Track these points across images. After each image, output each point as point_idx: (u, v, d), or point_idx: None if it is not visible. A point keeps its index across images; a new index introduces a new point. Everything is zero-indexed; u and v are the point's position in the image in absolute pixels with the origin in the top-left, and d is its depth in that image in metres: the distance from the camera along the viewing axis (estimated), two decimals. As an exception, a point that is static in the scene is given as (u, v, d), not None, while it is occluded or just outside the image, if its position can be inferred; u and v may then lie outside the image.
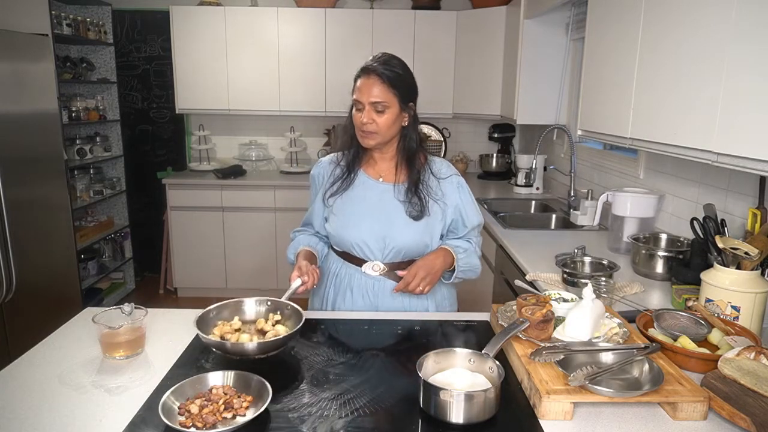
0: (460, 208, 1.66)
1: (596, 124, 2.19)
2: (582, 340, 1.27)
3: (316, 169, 1.73)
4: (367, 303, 1.64)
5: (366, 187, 1.64)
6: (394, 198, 1.62)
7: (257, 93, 4.24)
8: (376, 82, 1.52)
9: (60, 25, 3.63)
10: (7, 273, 2.63)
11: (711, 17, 1.44)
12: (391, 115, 1.54)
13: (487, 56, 3.99)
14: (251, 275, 4.25)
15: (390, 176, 1.65)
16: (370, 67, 1.53)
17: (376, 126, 1.54)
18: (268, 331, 1.32)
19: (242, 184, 4.16)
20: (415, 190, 1.60)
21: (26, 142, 2.84)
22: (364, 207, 1.62)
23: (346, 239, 1.61)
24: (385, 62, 1.54)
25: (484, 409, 1.04)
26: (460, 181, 1.68)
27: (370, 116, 1.53)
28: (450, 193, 1.65)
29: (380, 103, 1.52)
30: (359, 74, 1.56)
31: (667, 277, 1.91)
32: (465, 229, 1.68)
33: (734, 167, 1.36)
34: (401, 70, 1.56)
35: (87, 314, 1.51)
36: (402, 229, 1.59)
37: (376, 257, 1.61)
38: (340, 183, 1.64)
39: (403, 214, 1.60)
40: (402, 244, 1.59)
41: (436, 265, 1.56)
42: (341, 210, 1.63)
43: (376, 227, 1.59)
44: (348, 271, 1.66)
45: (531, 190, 3.76)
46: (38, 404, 1.11)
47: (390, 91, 1.52)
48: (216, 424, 1.01)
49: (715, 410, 1.09)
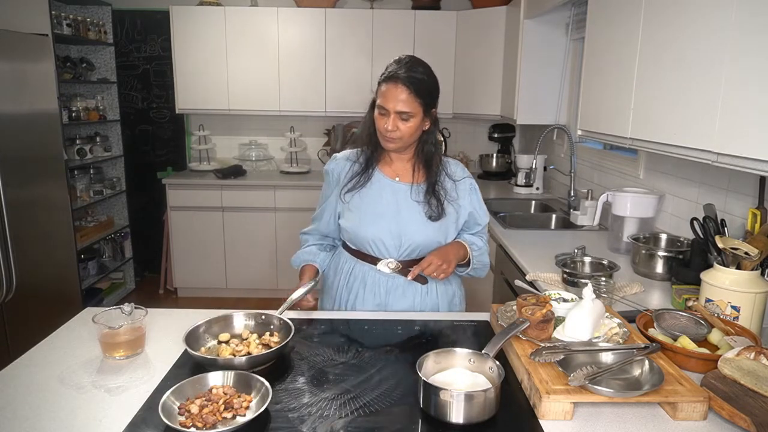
0: (472, 210, 1.70)
1: (596, 124, 2.19)
2: (582, 340, 1.27)
3: (332, 164, 1.73)
4: (378, 301, 1.66)
5: (382, 186, 1.65)
6: (410, 197, 1.64)
7: (257, 93, 4.24)
8: (403, 91, 1.52)
9: (60, 25, 3.63)
10: (7, 273, 2.63)
11: (711, 17, 1.44)
12: (415, 123, 1.56)
13: (487, 56, 3.99)
14: (251, 275, 4.24)
15: (406, 176, 1.67)
16: (398, 74, 1.52)
17: (399, 133, 1.56)
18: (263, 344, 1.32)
19: (242, 184, 4.16)
20: (432, 191, 1.63)
21: (26, 142, 2.84)
22: (380, 205, 1.63)
23: (362, 236, 1.63)
24: (411, 68, 1.54)
25: (484, 409, 1.04)
26: (473, 184, 1.72)
27: (395, 124, 1.54)
28: (464, 196, 1.69)
29: (406, 113, 1.54)
30: (386, 80, 1.55)
31: (667, 277, 1.91)
32: (477, 227, 1.73)
33: (734, 167, 1.36)
34: (427, 76, 1.57)
35: (87, 314, 1.52)
36: (419, 228, 1.61)
37: (391, 255, 1.63)
38: (357, 180, 1.65)
39: (420, 213, 1.62)
40: (418, 242, 1.62)
41: (450, 255, 1.59)
42: (357, 207, 1.65)
43: (393, 225, 1.61)
44: (362, 269, 1.67)
45: (531, 190, 3.76)
46: (38, 404, 1.11)
47: (416, 101, 1.53)
48: (216, 424, 1.01)
49: (715, 410, 1.09)
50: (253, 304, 3.65)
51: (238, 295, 4.27)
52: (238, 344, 1.31)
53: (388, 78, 1.54)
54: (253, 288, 4.23)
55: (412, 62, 1.56)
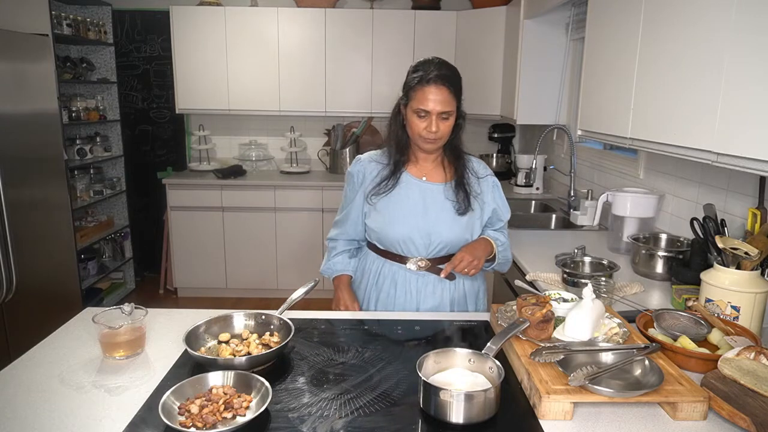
0: (495, 206, 1.73)
1: (596, 124, 2.19)
2: (582, 340, 1.27)
3: (356, 166, 1.74)
4: (410, 299, 1.69)
5: (410, 186, 1.67)
6: (438, 196, 1.66)
7: (257, 93, 4.24)
8: (444, 91, 1.54)
9: (60, 25, 3.63)
10: (8, 273, 2.63)
11: (711, 17, 1.43)
12: (452, 121, 1.61)
13: (487, 56, 3.99)
14: (251, 275, 4.24)
15: (433, 175, 1.70)
16: (437, 76, 1.54)
17: (440, 133, 1.58)
18: (263, 344, 1.32)
19: (242, 184, 4.16)
20: (461, 185, 1.66)
21: (26, 142, 2.84)
22: (408, 205, 1.65)
23: (391, 236, 1.65)
24: (442, 68, 1.56)
25: (484, 409, 1.04)
26: (495, 181, 1.76)
27: (438, 125, 1.56)
28: (487, 192, 1.72)
29: (446, 112, 1.56)
30: (425, 83, 1.54)
31: (667, 277, 1.91)
32: (500, 223, 1.77)
33: (734, 167, 1.36)
34: (456, 74, 1.60)
35: (87, 314, 1.52)
36: (447, 225, 1.64)
37: (419, 253, 1.66)
38: (386, 183, 1.67)
39: (448, 211, 1.65)
40: (447, 240, 1.64)
41: (479, 251, 1.62)
42: (385, 208, 1.66)
43: (422, 224, 1.63)
44: (391, 268, 1.70)
45: (531, 190, 3.76)
46: (38, 404, 1.11)
47: (454, 100, 1.58)
48: (216, 424, 1.01)
49: (715, 410, 1.09)
50: (253, 304, 3.66)
51: (238, 295, 4.27)
52: (238, 344, 1.31)
53: (426, 81, 1.54)
54: (253, 288, 4.23)
55: (441, 62, 1.59)
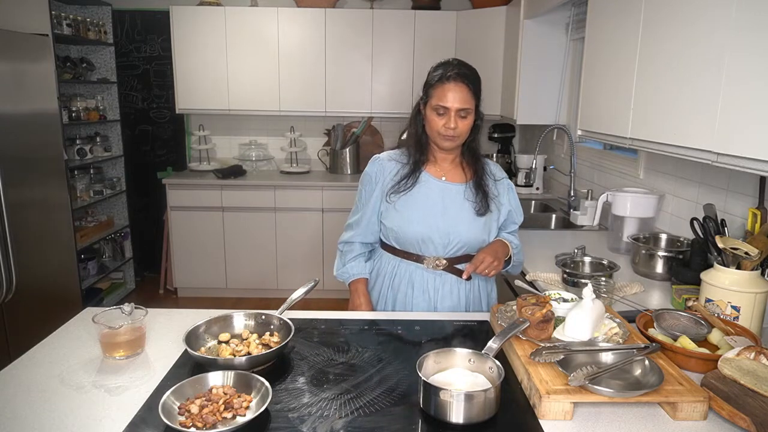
0: (511, 209, 1.75)
1: (596, 124, 2.19)
2: (582, 340, 1.27)
3: (374, 166, 1.74)
4: (427, 299, 1.69)
5: (429, 186, 1.68)
6: (458, 195, 1.67)
7: (257, 93, 4.24)
8: (463, 89, 1.57)
9: (60, 25, 3.63)
10: (8, 273, 2.63)
11: (711, 17, 1.43)
12: (471, 119, 1.63)
13: (487, 56, 3.99)
14: (251, 275, 4.24)
15: (452, 175, 1.71)
16: (456, 73, 1.57)
17: (459, 130, 1.60)
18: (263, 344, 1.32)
19: (242, 184, 4.16)
20: (480, 185, 1.68)
21: (26, 142, 2.84)
22: (428, 204, 1.66)
23: (410, 235, 1.66)
24: (461, 67, 1.60)
25: (484, 409, 1.04)
26: (510, 184, 1.78)
27: (456, 122, 1.58)
28: (503, 194, 1.74)
29: (466, 110, 1.58)
30: (444, 80, 1.58)
31: (667, 277, 1.91)
32: (513, 226, 1.79)
33: (734, 167, 1.36)
34: (475, 73, 1.63)
35: (87, 314, 1.51)
36: (467, 225, 1.65)
37: (438, 252, 1.66)
38: (405, 182, 1.67)
39: (467, 211, 1.66)
40: (466, 240, 1.65)
41: (499, 252, 1.64)
42: (404, 206, 1.67)
43: (441, 223, 1.64)
44: (408, 268, 1.70)
45: (531, 190, 3.76)
46: (38, 404, 1.11)
47: (473, 99, 1.60)
48: (216, 424, 1.01)
49: (715, 410, 1.09)
50: (253, 304, 3.66)
51: (238, 295, 4.26)
52: (238, 344, 1.31)
53: (446, 78, 1.58)
54: (253, 288, 4.23)
55: (460, 62, 1.63)
